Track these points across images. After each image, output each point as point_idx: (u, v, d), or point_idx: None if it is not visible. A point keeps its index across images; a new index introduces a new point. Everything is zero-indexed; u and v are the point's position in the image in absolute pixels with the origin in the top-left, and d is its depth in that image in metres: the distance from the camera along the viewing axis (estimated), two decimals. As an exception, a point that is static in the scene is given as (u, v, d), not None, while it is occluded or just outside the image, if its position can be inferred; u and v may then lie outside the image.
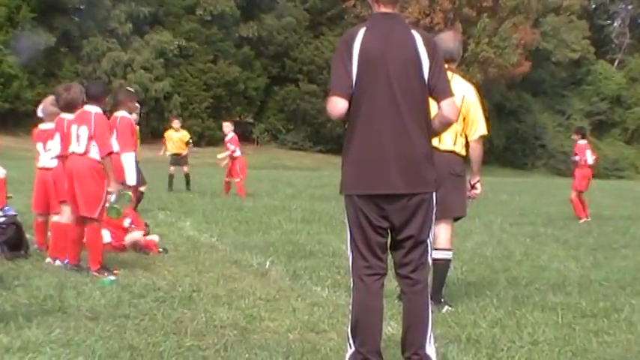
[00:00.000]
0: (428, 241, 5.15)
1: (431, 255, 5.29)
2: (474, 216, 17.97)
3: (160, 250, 10.71)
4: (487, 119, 7.77)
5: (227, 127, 23.83)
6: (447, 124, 5.27)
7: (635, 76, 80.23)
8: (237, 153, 22.87)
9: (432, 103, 5.14)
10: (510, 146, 71.12)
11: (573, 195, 19.34)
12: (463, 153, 7.59)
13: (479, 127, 7.66)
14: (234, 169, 22.84)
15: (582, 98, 78.30)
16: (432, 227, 5.20)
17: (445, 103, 5.12)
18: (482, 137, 7.74)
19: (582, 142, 19.68)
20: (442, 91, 5.12)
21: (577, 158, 19.24)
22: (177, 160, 24.04)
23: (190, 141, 24.86)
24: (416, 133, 5.03)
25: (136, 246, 10.69)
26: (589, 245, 13.37)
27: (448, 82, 5.23)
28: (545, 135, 72.92)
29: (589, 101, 78.20)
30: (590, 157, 19.23)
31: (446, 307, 7.51)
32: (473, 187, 7.80)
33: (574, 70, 78.34)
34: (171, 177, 23.69)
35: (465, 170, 7.66)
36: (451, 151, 7.43)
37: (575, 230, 16.04)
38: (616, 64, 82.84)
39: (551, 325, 6.97)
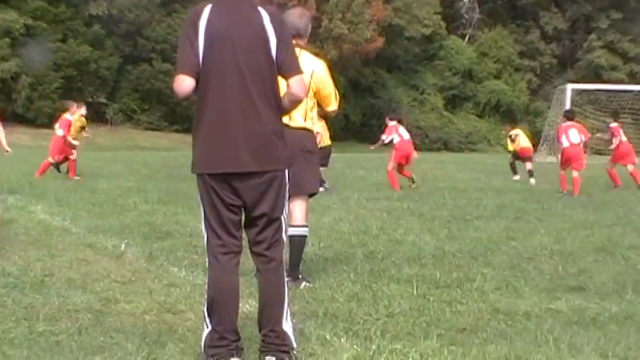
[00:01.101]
0: (282, 218, 5.15)
1: (286, 232, 5.28)
2: (332, 192, 18.16)
3: None
4: (343, 96, 7.84)
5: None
6: (296, 102, 5.27)
7: (485, 51, 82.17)
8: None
9: (283, 80, 5.13)
10: (367, 122, 71.82)
11: (390, 167, 21.36)
12: (314, 129, 7.63)
13: (332, 103, 7.73)
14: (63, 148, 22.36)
15: (435, 73, 79.72)
16: (286, 204, 5.20)
17: (293, 81, 5.10)
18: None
19: (392, 122, 22.54)
20: (290, 69, 5.10)
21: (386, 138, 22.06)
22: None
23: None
24: (265, 110, 5.02)
25: None
26: (443, 218, 13.63)
27: (296, 59, 5.22)
28: (400, 110, 73.97)
29: (442, 76, 79.66)
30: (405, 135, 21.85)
31: (303, 284, 7.54)
32: None
33: (426, 46, 79.64)
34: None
35: (316, 146, 7.71)
36: (302, 128, 7.42)
37: (431, 203, 16.34)
38: (467, 39, 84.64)
39: (406, 297, 7.08)
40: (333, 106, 7.76)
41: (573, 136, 20.27)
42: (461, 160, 41.36)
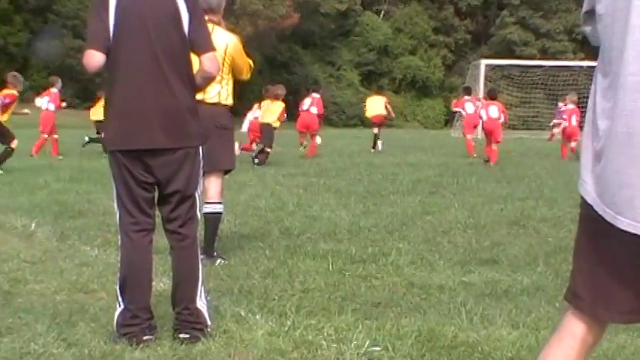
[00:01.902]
0: (195, 194, 5.12)
1: (200, 209, 5.27)
2: (248, 168, 18.11)
3: None
4: (259, 72, 7.84)
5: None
6: (209, 79, 5.25)
7: (400, 27, 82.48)
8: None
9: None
10: (283, 98, 71.69)
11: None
12: (229, 102, 7.56)
13: (246, 72, 7.74)
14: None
15: (351, 49, 79.78)
16: (200, 181, 5.18)
17: (206, 58, 5.08)
18: None
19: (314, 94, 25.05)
20: (202, 46, 5.07)
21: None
22: None
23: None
24: (178, 87, 4.97)
25: None
26: (360, 193, 13.66)
27: (209, 35, 5.22)
28: (316, 87, 73.91)
29: (357, 52, 79.76)
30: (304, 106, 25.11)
31: (219, 261, 7.50)
32: None
33: (342, 22, 79.57)
34: None
35: (231, 122, 7.65)
36: (216, 103, 7.37)
37: (347, 179, 16.38)
38: (382, 15, 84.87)
39: (322, 273, 7.08)
40: (247, 75, 7.78)
41: (492, 111, 22.32)
42: (377, 136, 41.43)
